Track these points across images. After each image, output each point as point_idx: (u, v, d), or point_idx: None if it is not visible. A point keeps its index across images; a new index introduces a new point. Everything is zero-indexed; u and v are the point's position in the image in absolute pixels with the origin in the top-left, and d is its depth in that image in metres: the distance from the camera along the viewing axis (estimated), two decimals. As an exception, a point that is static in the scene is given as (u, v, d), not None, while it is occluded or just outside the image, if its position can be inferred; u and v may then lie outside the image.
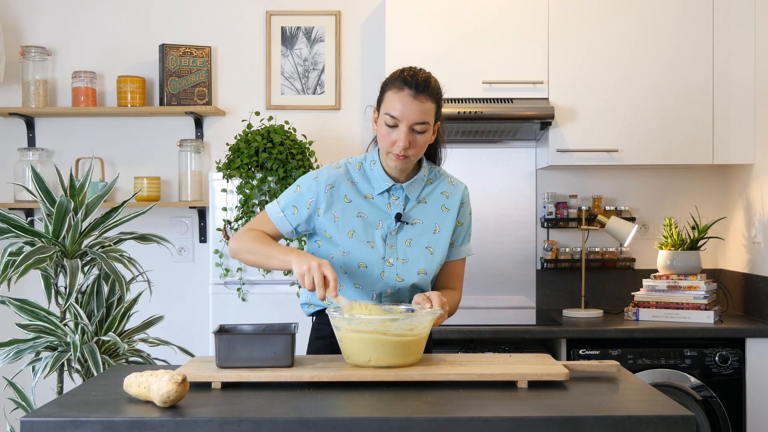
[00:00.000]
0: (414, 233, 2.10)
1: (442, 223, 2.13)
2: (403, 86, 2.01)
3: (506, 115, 3.29)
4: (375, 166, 2.12)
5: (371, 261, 2.07)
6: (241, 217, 3.22)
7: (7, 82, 3.70)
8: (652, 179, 3.74)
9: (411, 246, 2.10)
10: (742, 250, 3.51)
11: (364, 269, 2.07)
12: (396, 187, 2.11)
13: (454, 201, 2.16)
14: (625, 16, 3.38)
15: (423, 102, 2.01)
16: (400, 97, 2.00)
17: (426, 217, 2.12)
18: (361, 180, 2.13)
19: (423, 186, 2.15)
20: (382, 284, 2.08)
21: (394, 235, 2.09)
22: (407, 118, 2.00)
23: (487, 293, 3.69)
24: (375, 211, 2.10)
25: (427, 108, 2.02)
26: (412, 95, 2.00)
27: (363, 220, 2.09)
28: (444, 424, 1.47)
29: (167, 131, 3.74)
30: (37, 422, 1.48)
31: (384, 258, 2.08)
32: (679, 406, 1.55)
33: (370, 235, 2.08)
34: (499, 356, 1.94)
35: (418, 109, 2.00)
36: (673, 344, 3.11)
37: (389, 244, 2.09)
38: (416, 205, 2.13)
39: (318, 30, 3.73)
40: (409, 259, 2.09)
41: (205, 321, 3.57)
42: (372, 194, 2.12)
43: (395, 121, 2.01)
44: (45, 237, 2.42)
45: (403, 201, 2.11)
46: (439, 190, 2.16)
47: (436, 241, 2.12)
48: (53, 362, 2.34)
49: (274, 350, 1.78)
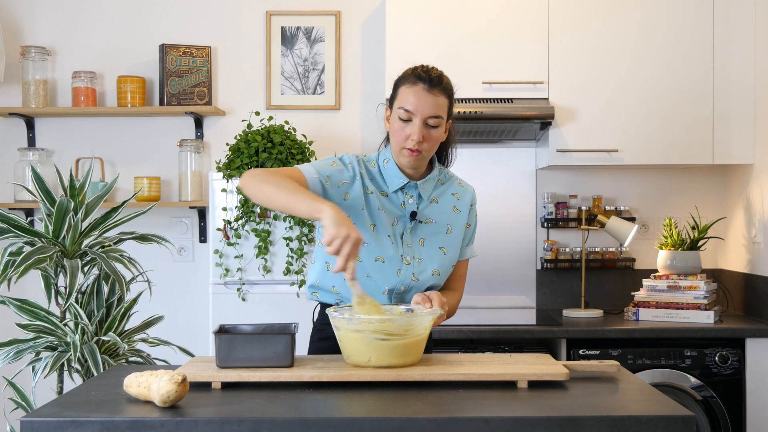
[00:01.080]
0: (427, 233, 2.11)
1: (454, 224, 2.14)
2: (417, 81, 2.02)
3: (506, 115, 3.29)
4: (389, 164, 2.12)
5: (389, 257, 2.06)
6: (240, 217, 3.22)
7: (7, 82, 3.70)
8: (652, 179, 3.74)
9: (425, 246, 2.10)
10: (742, 250, 3.51)
11: (381, 264, 2.06)
12: (410, 185, 2.11)
13: (465, 203, 2.17)
14: (625, 16, 3.38)
15: (437, 96, 2.02)
16: (414, 91, 2.02)
17: (439, 217, 2.13)
18: (376, 177, 2.13)
19: (435, 185, 2.15)
20: (397, 281, 2.07)
21: (409, 234, 2.10)
22: (421, 111, 2.01)
23: (487, 293, 3.69)
24: (390, 208, 2.10)
25: (441, 102, 2.03)
26: (426, 89, 2.01)
27: (380, 215, 2.08)
28: (444, 424, 1.47)
29: (167, 131, 3.74)
30: (37, 422, 1.48)
31: (402, 256, 2.07)
32: (679, 406, 1.55)
33: (389, 231, 2.08)
34: (499, 356, 1.94)
35: (432, 103, 2.01)
36: (673, 344, 3.11)
37: (405, 243, 2.09)
38: (429, 205, 2.13)
39: (318, 30, 3.73)
40: (423, 259, 2.09)
41: (205, 321, 3.57)
42: (387, 192, 2.12)
43: (409, 115, 2.02)
44: (45, 237, 2.42)
45: (416, 199, 2.11)
46: (450, 191, 2.17)
47: (449, 242, 2.13)
48: (53, 362, 2.34)
49: (274, 350, 1.78)
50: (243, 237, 3.24)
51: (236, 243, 3.24)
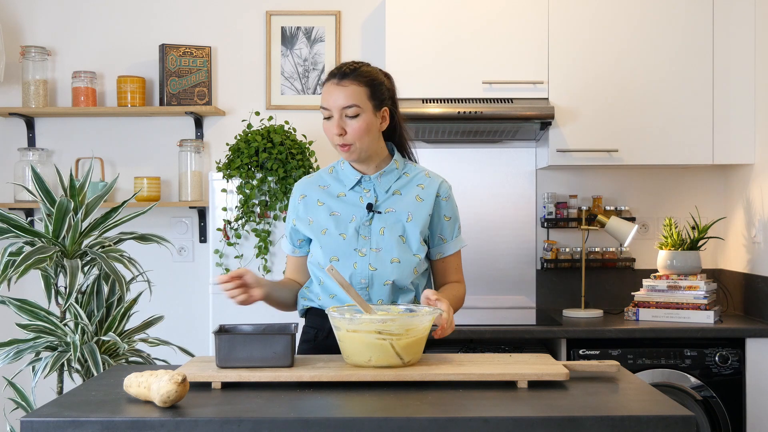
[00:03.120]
0: (388, 222, 2.14)
1: (415, 212, 2.16)
2: (329, 78, 2.11)
3: (506, 115, 3.29)
4: (345, 165, 2.20)
5: (343, 253, 2.12)
6: (240, 217, 3.22)
7: (7, 82, 3.70)
8: (652, 179, 3.74)
9: (385, 235, 2.13)
10: (742, 250, 3.51)
11: (335, 262, 2.12)
12: (365, 179, 2.17)
13: (429, 192, 2.19)
14: (625, 16, 3.38)
15: (347, 86, 2.07)
16: (326, 88, 2.10)
17: (399, 206, 2.16)
18: (334, 181, 2.21)
19: (397, 178, 2.19)
20: (356, 274, 2.11)
21: (367, 226, 2.13)
22: (333, 104, 2.07)
23: (487, 293, 3.69)
24: (348, 207, 2.16)
25: (353, 91, 2.07)
26: (335, 83, 2.08)
27: (335, 218, 2.15)
28: (444, 424, 1.47)
29: (167, 131, 3.74)
30: (37, 422, 1.48)
31: (356, 249, 2.12)
32: (679, 406, 1.55)
33: (342, 229, 2.13)
34: (499, 356, 1.94)
35: (342, 94, 2.06)
36: (673, 344, 3.11)
37: (363, 235, 2.13)
38: (390, 197, 2.17)
39: (318, 30, 3.73)
40: (382, 248, 2.12)
41: (205, 321, 3.57)
42: (344, 191, 2.18)
43: (328, 112, 2.09)
44: (45, 237, 2.42)
45: (374, 192, 2.16)
46: (415, 183, 2.20)
47: (408, 230, 2.14)
48: (53, 362, 2.34)
49: (274, 350, 1.78)
50: (243, 237, 3.24)
51: (236, 243, 3.24)
